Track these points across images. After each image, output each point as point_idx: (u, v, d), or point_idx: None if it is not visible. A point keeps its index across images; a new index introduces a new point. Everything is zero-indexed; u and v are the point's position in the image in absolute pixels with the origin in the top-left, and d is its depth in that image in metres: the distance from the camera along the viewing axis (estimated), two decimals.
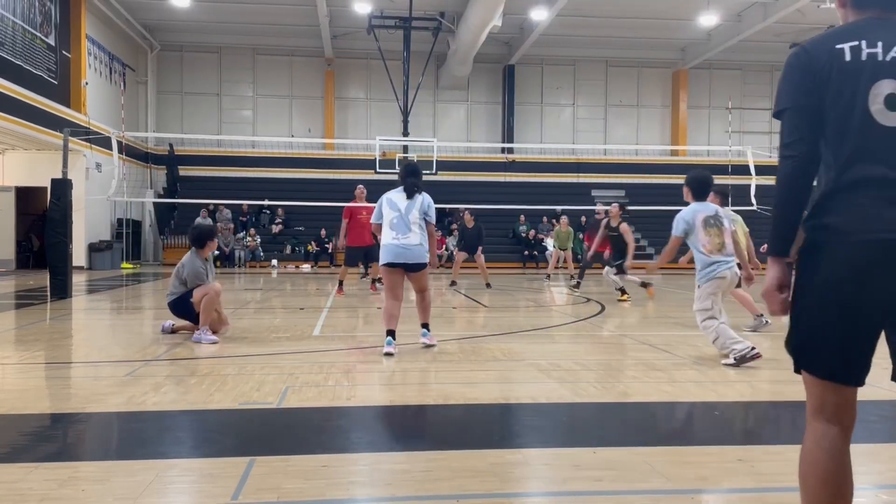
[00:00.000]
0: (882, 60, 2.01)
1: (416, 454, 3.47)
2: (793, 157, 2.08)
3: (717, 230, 6.19)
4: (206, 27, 26.09)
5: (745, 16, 24.42)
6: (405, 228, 6.41)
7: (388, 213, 6.50)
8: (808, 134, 2.07)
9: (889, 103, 1.99)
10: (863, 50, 2.03)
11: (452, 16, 24.78)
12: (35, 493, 2.90)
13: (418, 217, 6.46)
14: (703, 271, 6.14)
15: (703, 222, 6.19)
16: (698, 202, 6.31)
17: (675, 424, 4.37)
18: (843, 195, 1.99)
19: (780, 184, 2.11)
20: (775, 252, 2.14)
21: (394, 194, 6.60)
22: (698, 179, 6.36)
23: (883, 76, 2.00)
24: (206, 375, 5.24)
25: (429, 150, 23.52)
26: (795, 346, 2.11)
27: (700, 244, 6.15)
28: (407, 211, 6.46)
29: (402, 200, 6.52)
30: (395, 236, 6.40)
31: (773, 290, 2.13)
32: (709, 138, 29.62)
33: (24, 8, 17.85)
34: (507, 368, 5.72)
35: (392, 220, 6.45)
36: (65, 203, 11.25)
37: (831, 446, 2.04)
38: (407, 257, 6.37)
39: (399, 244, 6.37)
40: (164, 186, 26.68)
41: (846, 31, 2.09)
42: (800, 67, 2.10)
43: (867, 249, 1.93)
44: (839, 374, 2.03)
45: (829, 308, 1.99)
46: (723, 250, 6.16)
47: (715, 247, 6.15)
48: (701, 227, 6.17)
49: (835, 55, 2.04)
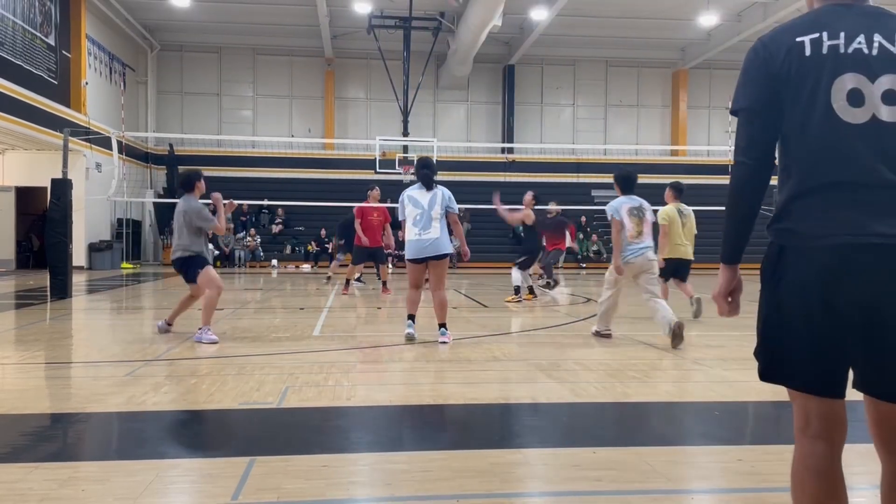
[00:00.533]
0: (844, 53, 1.89)
1: (415, 454, 3.47)
2: (745, 163, 1.99)
3: (637, 220, 7.10)
4: (206, 27, 26.09)
5: (744, 16, 24.42)
6: (428, 224, 6.81)
7: (412, 210, 6.87)
8: (762, 138, 1.97)
9: (852, 99, 1.88)
10: (823, 43, 1.91)
11: (452, 16, 24.78)
12: (35, 493, 2.90)
13: (440, 212, 6.86)
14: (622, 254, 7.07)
15: (628, 212, 7.10)
16: (625, 195, 7.23)
17: (675, 424, 4.37)
18: (809, 198, 1.89)
19: (731, 190, 2.03)
20: (725, 260, 2.07)
21: (414, 191, 6.97)
22: (624, 176, 7.33)
23: (845, 70, 1.88)
24: (206, 375, 5.24)
25: (429, 150, 23.51)
26: (765, 356, 2.01)
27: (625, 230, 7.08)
28: (430, 206, 6.84)
29: (424, 196, 6.90)
30: (417, 232, 6.81)
31: (722, 295, 2.08)
32: (709, 138, 29.62)
33: (24, 8, 17.85)
34: (507, 368, 5.72)
35: (416, 217, 6.84)
36: (65, 203, 11.25)
37: (819, 466, 1.92)
38: (429, 251, 6.80)
39: (422, 239, 6.79)
40: (164, 186, 26.67)
41: (807, 21, 1.97)
42: (757, 63, 1.98)
43: (836, 254, 1.82)
44: (813, 384, 1.92)
45: (796, 315, 1.89)
46: (640, 238, 7.07)
47: (634, 234, 7.06)
48: (626, 215, 7.08)
49: (794, 49, 1.92)
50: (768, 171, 1.99)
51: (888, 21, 1.95)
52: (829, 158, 1.88)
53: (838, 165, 1.87)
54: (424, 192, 6.90)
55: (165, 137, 26.25)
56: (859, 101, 1.88)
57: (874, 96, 1.88)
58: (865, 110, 1.88)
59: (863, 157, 1.86)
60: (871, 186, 1.85)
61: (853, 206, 1.84)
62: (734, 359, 6.14)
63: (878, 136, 1.87)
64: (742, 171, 2.00)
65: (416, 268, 6.92)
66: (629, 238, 7.05)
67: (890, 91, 1.88)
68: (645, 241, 7.10)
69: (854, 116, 1.87)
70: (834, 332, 1.87)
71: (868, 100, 1.88)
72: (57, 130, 17.05)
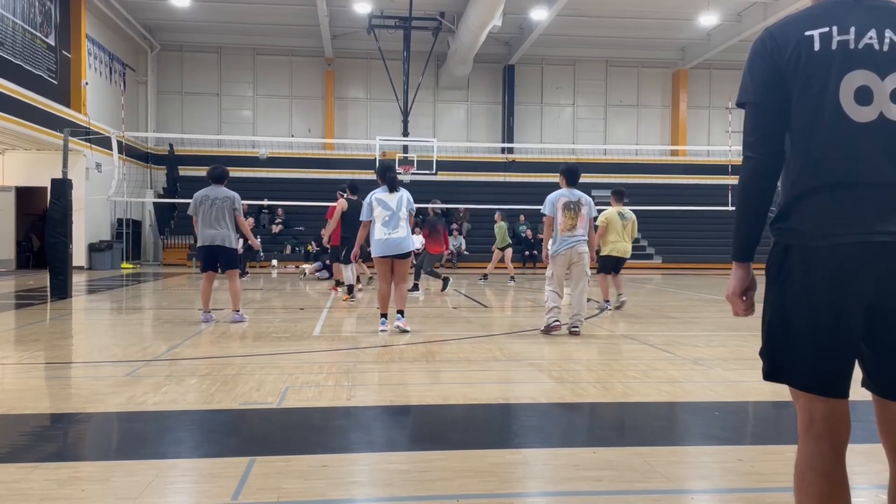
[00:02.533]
0: (854, 49, 1.84)
1: (415, 454, 3.47)
2: (753, 157, 1.95)
3: (572, 213, 7.47)
4: (206, 27, 26.09)
5: (745, 16, 24.42)
6: (396, 224, 7.37)
7: (381, 212, 7.40)
8: (770, 133, 1.93)
9: (859, 97, 1.83)
10: (833, 37, 1.85)
11: (452, 16, 24.78)
12: (35, 493, 2.90)
13: (406, 213, 7.45)
14: (553, 246, 7.53)
15: (564, 206, 7.48)
16: (568, 188, 7.61)
17: (675, 424, 4.37)
18: (815, 197, 1.86)
19: (740, 186, 1.99)
20: (737, 257, 2.03)
21: (380, 193, 7.49)
22: (571, 169, 7.75)
23: (855, 66, 1.84)
24: (206, 375, 5.24)
25: (429, 150, 23.53)
26: (770, 356, 1.98)
27: (557, 223, 7.49)
28: (398, 208, 7.41)
29: (391, 198, 7.45)
30: (387, 232, 7.36)
31: (736, 294, 2.05)
32: (709, 138, 29.62)
33: (24, 8, 17.85)
34: (507, 368, 5.72)
35: (385, 218, 7.38)
36: (65, 203, 11.25)
37: (823, 466, 1.89)
38: (397, 249, 7.38)
39: (390, 238, 7.35)
40: (164, 186, 26.68)
41: (817, 14, 1.91)
42: (765, 56, 1.93)
43: (843, 254, 1.80)
44: (818, 384, 1.89)
45: (803, 315, 1.86)
46: (572, 231, 7.45)
47: (566, 227, 7.46)
48: (560, 208, 7.48)
49: (803, 43, 1.87)
50: (778, 165, 1.95)
51: None
52: (835, 157, 1.85)
53: (845, 164, 1.84)
54: (391, 195, 7.45)
55: (165, 137, 26.26)
56: (867, 98, 1.84)
57: (883, 94, 1.84)
58: (873, 108, 1.84)
59: (870, 157, 1.83)
60: (878, 186, 1.83)
61: (860, 205, 1.82)
62: (734, 359, 6.14)
63: (885, 135, 1.84)
64: (750, 165, 1.96)
65: (385, 264, 7.44)
66: (560, 231, 7.47)
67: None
68: (577, 234, 7.47)
69: (862, 115, 1.84)
70: (840, 332, 1.85)
71: (877, 98, 1.84)
72: (57, 130, 17.06)
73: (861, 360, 1.95)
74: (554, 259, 7.52)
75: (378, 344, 6.87)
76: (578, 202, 7.50)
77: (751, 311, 2.08)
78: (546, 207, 7.57)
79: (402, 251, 7.40)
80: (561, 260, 7.49)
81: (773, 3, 22.73)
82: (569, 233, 7.44)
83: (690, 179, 28.31)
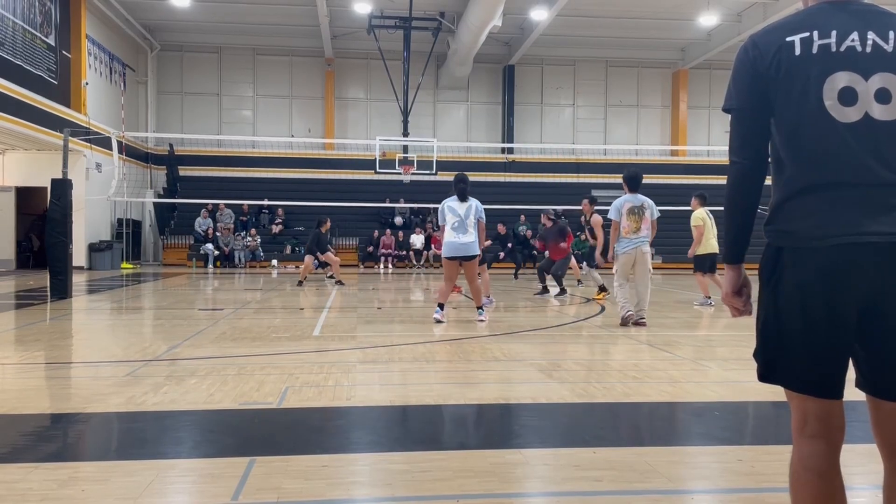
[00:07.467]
0: (836, 52, 1.87)
1: (415, 454, 3.46)
2: (739, 163, 1.99)
3: (636, 217, 8.17)
4: (206, 27, 26.08)
5: (745, 16, 24.41)
6: (464, 230, 8.32)
7: (451, 217, 8.38)
8: (754, 138, 1.97)
9: (843, 98, 1.86)
10: (814, 42, 1.89)
11: (452, 16, 24.77)
12: (35, 493, 2.90)
13: (474, 220, 8.39)
14: (618, 246, 8.22)
15: (629, 210, 8.17)
16: (631, 193, 8.28)
17: (675, 424, 4.37)
18: (804, 198, 1.88)
19: (728, 190, 2.04)
20: (728, 260, 2.08)
21: (451, 202, 8.48)
22: (631, 176, 8.38)
23: (837, 68, 1.87)
24: (206, 375, 5.24)
25: (429, 150, 23.52)
26: (764, 357, 2.00)
27: (622, 227, 8.17)
28: (465, 216, 8.34)
29: (461, 206, 8.41)
30: (456, 236, 8.31)
31: (731, 295, 2.08)
32: (709, 138, 29.61)
33: (24, 8, 17.84)
34: (507, 368, 5.72)
35: (454, 223, 8.34)
36: (65, 203, 11.25)
37: (817, 467, 1.91)
38: (464, 251, 8.31)
39: (459, 242, 8.28)
40: (164, 186, 26.66)
41: (799, 20, 1.95)
42: (747, 63, 1.98)
43: (834, 255, 1.82)
44: (812, 385, 1.91)
45: (796, 316, 1.88)
46: (637, 233, 8.15)
47: (631, 230, 8.15)
48: (626, 213, 8.17)
49: (784, 49, 1.91)
50: (762, 169, 2.01)
51: (883, 19, 1.93)
52: (822, 158, 1.87)
53: (832, 165, 1.86)
54: (461, 204, 8.40)
55: (165, 137, 26.25)
56: (852, 99, 1.87)
57: (867, 94, 1.87)
58: (858, 109, 1.87)
59: (856, 157, 1.85)
60: (866, 186, 1.84)
61: (849, 205, 1.84)
62: (734, 359, 6.14)
63: (871, 134, 1.86)
64: (736, 170, 2.02)
65: (452, 265, 8.42)
66: (624, 233, 8.17)
67: (883, 89, 1.87)
68: (641, 236, 8.18)
69: (846, 115, 1.86)
70: (833, 332, 1.87)
71: (861, 98, 1.87)
72: (57, 130, 17.05)
73: (855, 361, 1.96)
74: (619, 259, 8.25)
75: (378, 344, 6.87)
76: (642, 206, 8.23)
77: (749, 311, 2.11)
78: (612, 213, 8.26)
79: (468, 254, 8.30)
80: (626, 259, 8.20)
81: (773, 3, 22.73)
82: (633, 235, 8.17)
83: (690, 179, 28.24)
